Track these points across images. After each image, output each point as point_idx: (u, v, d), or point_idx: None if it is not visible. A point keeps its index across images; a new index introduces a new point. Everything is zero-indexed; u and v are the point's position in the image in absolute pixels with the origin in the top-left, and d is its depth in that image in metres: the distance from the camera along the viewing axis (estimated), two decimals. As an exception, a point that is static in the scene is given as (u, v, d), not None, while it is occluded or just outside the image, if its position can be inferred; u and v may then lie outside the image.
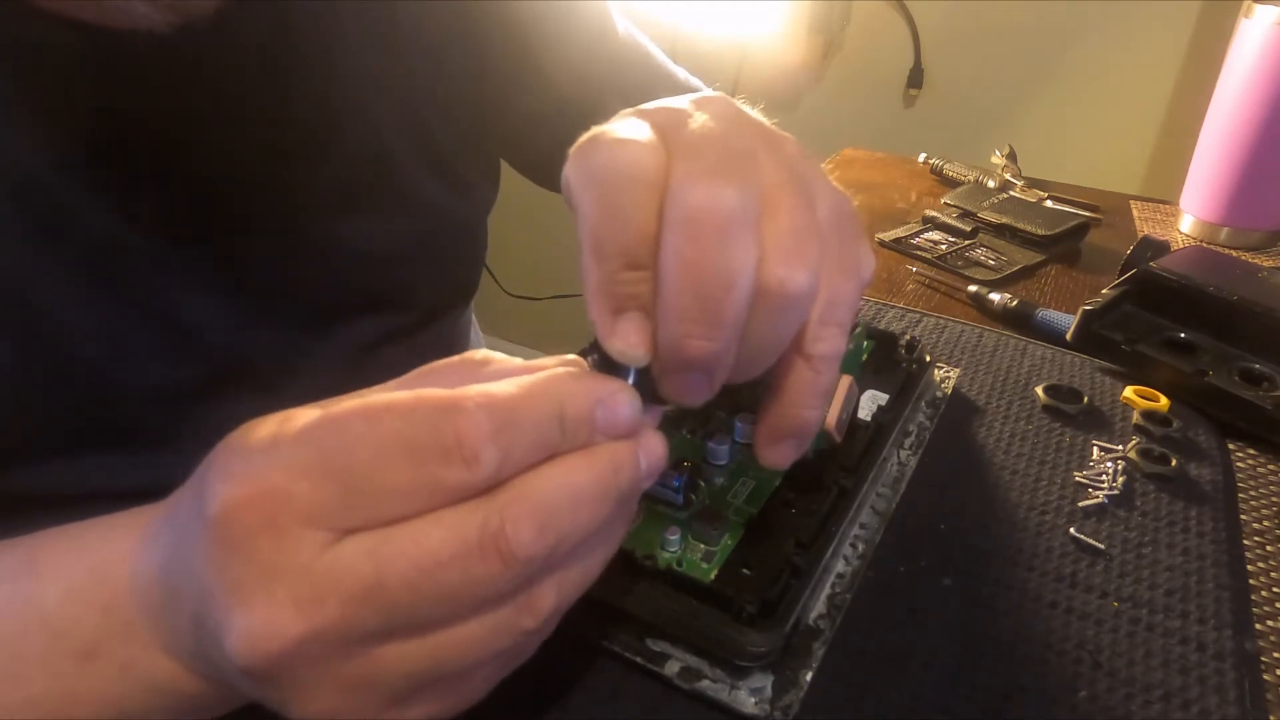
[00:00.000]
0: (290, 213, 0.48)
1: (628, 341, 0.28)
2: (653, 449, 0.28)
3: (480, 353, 0.29)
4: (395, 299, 0.56)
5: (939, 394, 0.55)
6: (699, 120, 0.29)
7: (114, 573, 0.29)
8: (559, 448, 0.26)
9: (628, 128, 0.28)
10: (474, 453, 0.23)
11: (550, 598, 0.26)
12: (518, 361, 0.29)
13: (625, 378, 0.28)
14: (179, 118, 0.42)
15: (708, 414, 0.45)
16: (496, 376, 0.27)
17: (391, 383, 0.28)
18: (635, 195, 0.27)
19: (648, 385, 0.28)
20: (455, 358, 0.29)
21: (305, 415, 0.24)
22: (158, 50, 0.37)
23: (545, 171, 0.69)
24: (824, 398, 0.31)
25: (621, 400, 0.27)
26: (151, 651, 0.28)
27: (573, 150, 0.29)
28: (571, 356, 0.29)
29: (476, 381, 0.27)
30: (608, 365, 0.28)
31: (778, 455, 0.32)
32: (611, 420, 0.27)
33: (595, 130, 0.29)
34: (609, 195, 0.27)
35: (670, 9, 1.78)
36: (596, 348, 0.28)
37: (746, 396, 0.45)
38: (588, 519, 0.26)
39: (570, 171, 0.28)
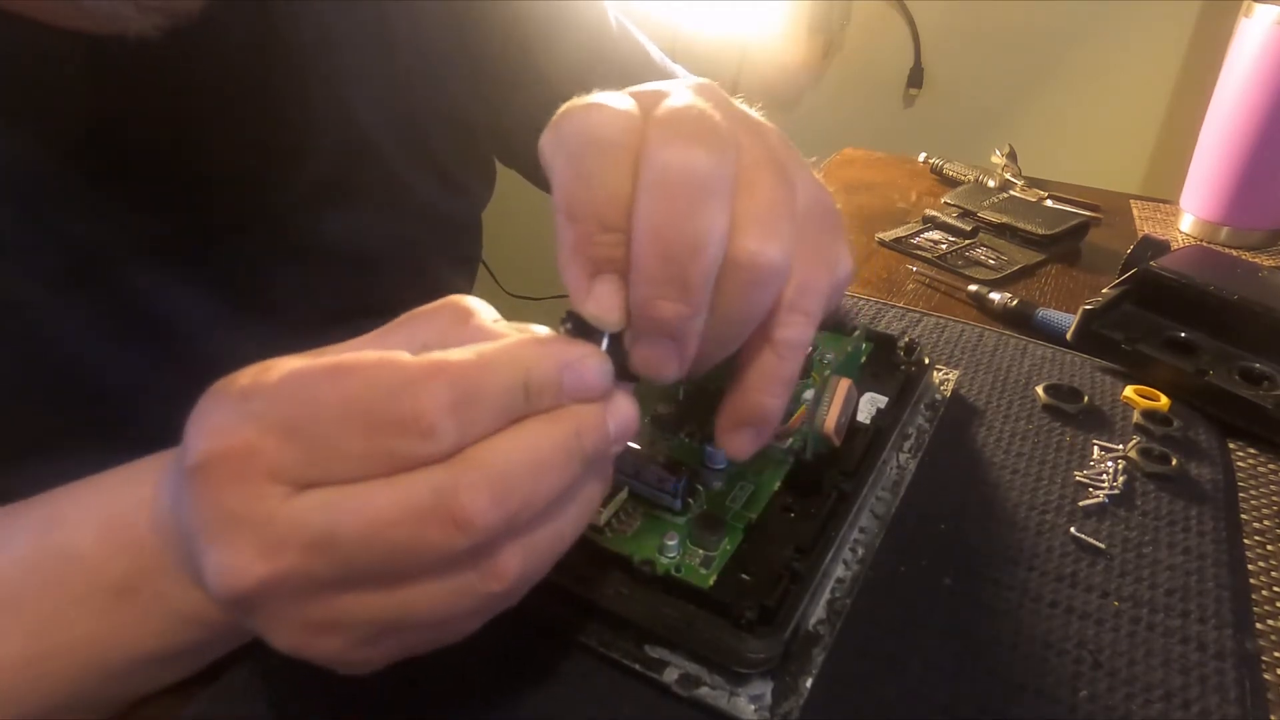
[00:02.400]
0: (277, 212, 0.48)
1: (601, 305, 0.28)
2: (623, 412, 0.28)
3: (465, 302, 0.29)
4: (388, 300, 0.56)
5: (938, 396, 0.54)
6: (681, 96, 0.29)
7: (137, 516, 0.31)
8: (523, 413, 0.26)
9: (604, 96, 0.29)
10: (430, 426, 0.24)
11: (515, 563, 0.26)
12: (498, 321, 0.29)
13: (598, 345, 0.28)
14: (164, 119, 0.42)
15: (706, 417, 0.45)
16: (475, 337, 0.28)
17: (372, 334, 0.29)
18: (608, 157, 0.27)
19: (618, 358, 0.28)
20: (440, 303, 0.30)
21: (281, 368, 0.25)
22: (143, 52, 0.37)
23: (541, 171, 0.69)
24: (786, 387, 0.31)
25: (590, 365, 0.27)
26: (181, 583, 0.30)
27: (551, 121, 0.29)
28: (547, 330, 0.29)
29: (455, 336, 0.28)
30: (581, 332, 0.28)
31: (736, 443, 0.32)
32: (579, 384, 0.27)
33: (571, 100, 0.29)
34: (582, 157, 0.28)
35: (670, 9, 1.78)
36: (570, 316, 0.28)
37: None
38: (551, 484, 0.26)
39: (545, 139, 0.29)
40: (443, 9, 0.54)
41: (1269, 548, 0.44)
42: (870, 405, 0.48)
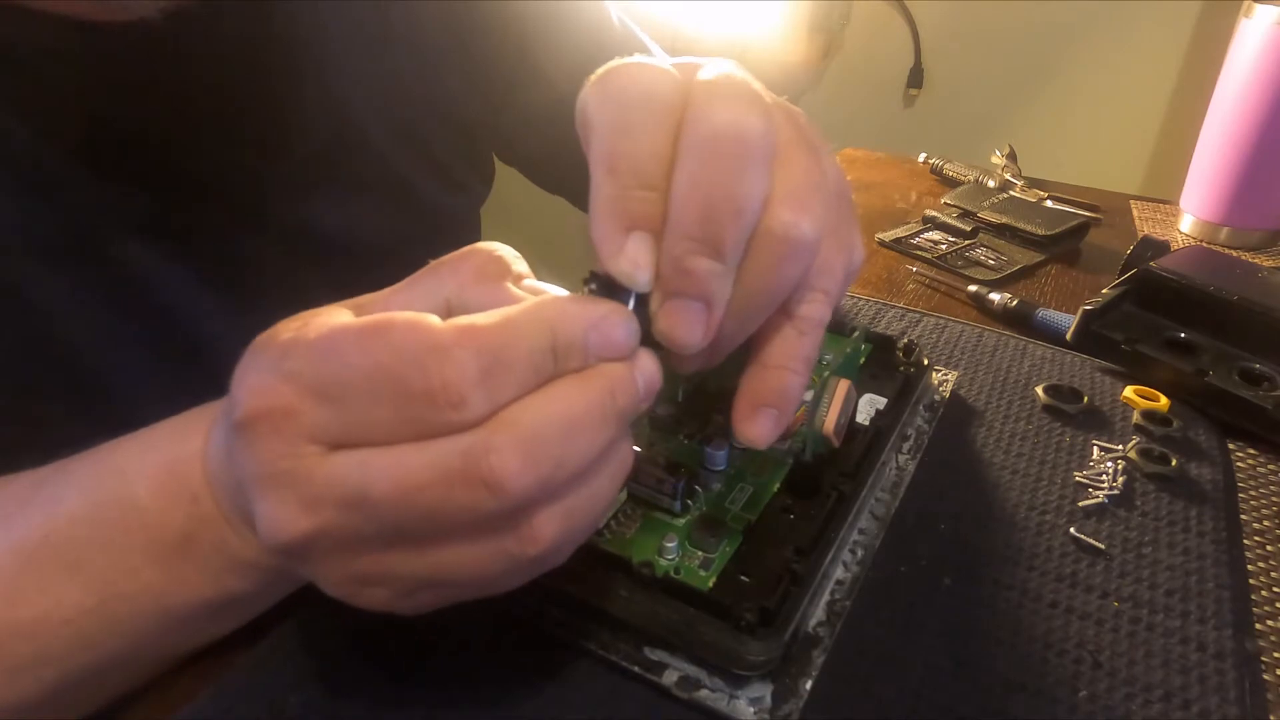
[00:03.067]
0: (273, 205, 0.48)
1: (634, 261, 0.27)
2: (648, 368, 0.28)
3: (493, 251, 0.30)
4: None
5: (937, 397, 0.54)
6: (723, 65, 0.29)
7: (191, 468, 0.32)
8: (551, 375, 0.26)
9: (649, 58, 0.29)
10: (460, 398, 0.24)
11: (551, 527, 0.26)
12: (525, 276, 0.29)
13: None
14: (158, 111, 0.42)
15: (706, 418, 0.45)
16: (499, 296, 0.28)
17: (401, 284, 0.30)
18: (655, 113, 0.27)
19: (642, 324, 0.28)
20: (467, 251, 0.30)
21: (320, 324, 0.26)
22: (138, 44, 0.37)
23: (542, 170, 0.70)
24: (807, 365, 0.31)
25: (616, 322, 0.27)
26: (237, 530, 0.31)
27: (592, 79, 0.29)
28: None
29: (478, 292, 0.28)
30: (606, 294, 0.28)
31: (757, 428, 0.32)
32: (606, 342, 0.27)
33: (615, 61, 0.29)
34: (628, 112, 0.27)
35: (670, 9, 1.78)
36: (595, 277, 0.28)
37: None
38: (585, 445, 0.26)
39: (588, 95, 0.29)
40: (441, 8, 0.54)
41: (1269, 548, 0.44)
42: (869, 406, 0.48)
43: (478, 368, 0.24)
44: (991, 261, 0.80)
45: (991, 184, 0.98)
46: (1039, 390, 0.55)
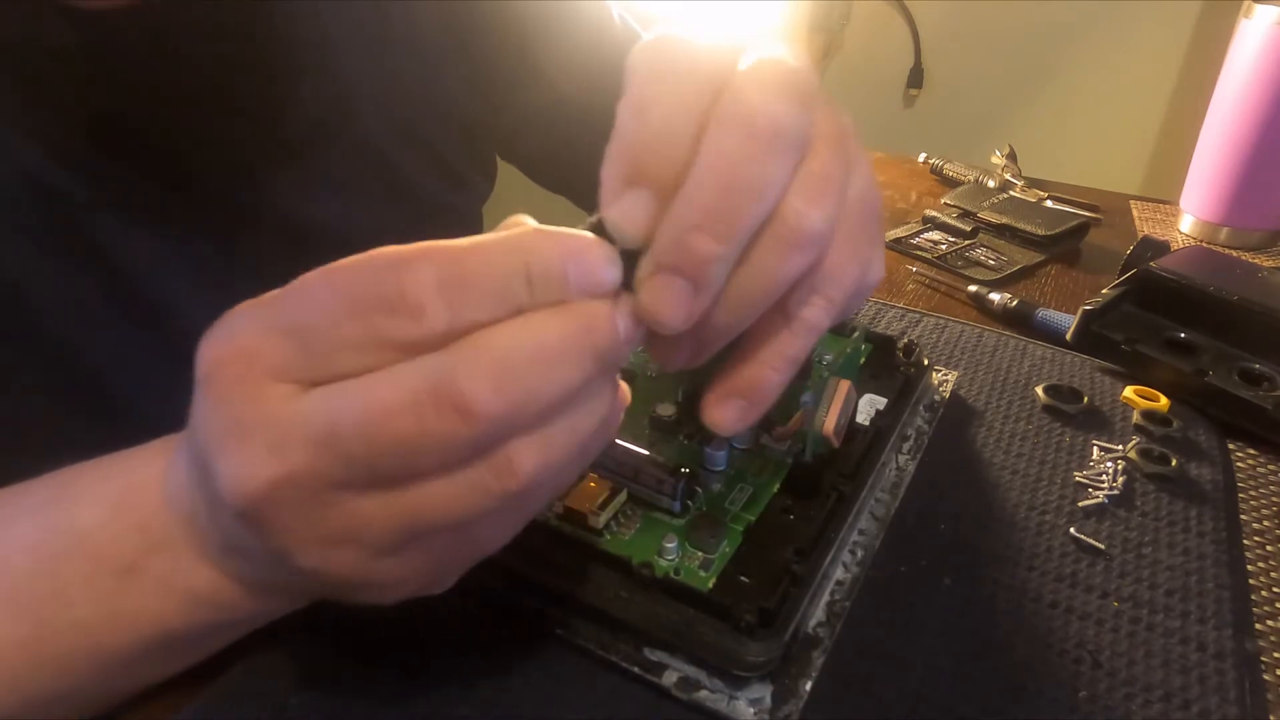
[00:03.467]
0: (271, 199, 0.48)
1: (627, 213, 0.26)
2: (631, 315, 0.26)
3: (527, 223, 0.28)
4: None
5: (937, 397, 0.54)
6: (779, 49, 0.28)
7: (146, 493, 0.30)
8: (526, 305, 0.25)
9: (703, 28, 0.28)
10: (418, 305, 0.23)
11: (529, 459, 0.25)
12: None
13: None
14: (158, 109, 0.42)
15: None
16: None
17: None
18: (698, 76, 0.26)
19: (627, 284, 0.26)
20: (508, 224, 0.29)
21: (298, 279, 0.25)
22: (137, 42, 0.37)
23: (542, 170, 0.70)
24: (791, 366, 0.30)
25: (596, 255, 0.25)
26: (189, 559, 0.30)
27: (645, 39, 0.28)
28: None
29: None
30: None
31: (723, 414, 0.31)
32: (586, 275, 0.25)
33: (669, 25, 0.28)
34: (674, 64, 0.26)
35: (670, 9, 1.78)
36: (591, 225, 0.27)
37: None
38: (560, 377, 0.25)
39: (638, 50, 0.27)
40: (440, 8, 0.54)
41: (1269, 548, 0.44)
42: (869, 406, 0.48)
43: (436, 277, 0.23)
44: (991, 261, 0.80)
45: (991, 184, 0.98)
46: (1039, 390, 0.55)
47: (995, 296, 0.69)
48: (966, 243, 0.84)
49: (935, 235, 0.86)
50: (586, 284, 0.25)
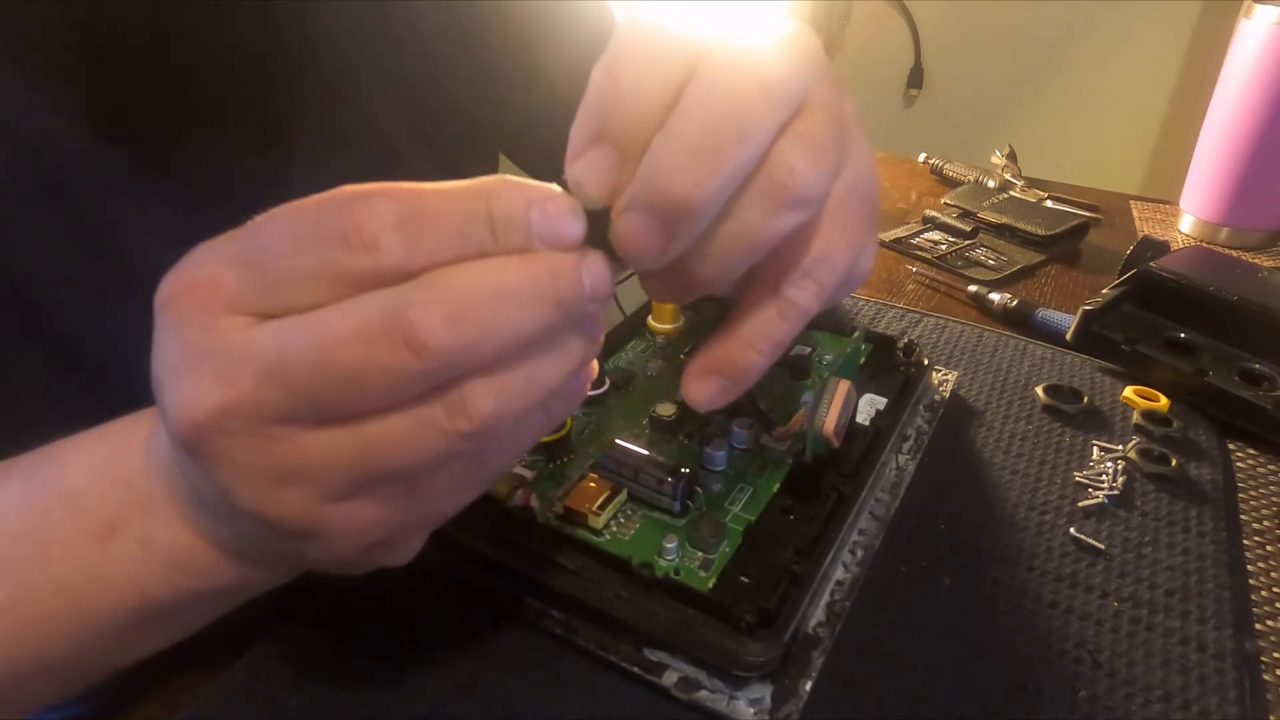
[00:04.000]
0: (271, 184, 0.48)
1: (589, 170, 0.25)
2: (597, 269, 0.26)
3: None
4: None
5: (937, 397, 0.54)
6: (781, 24, 0.27)
7: (132, 452, 0.30)
8: (490, 250, 0.24)
9: None
10: (373, 238, 0.23)
11: (485, 402, 0.25)
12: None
13: None
14: (166, 118, 0.42)
15: (705, 418, 0.45)
16: None
17: None
18: (675, 37, 0.26)
19: (598, 238, 0.26)
20: None
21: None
22: (141, 43, 0.37)
23: (546, 168, 0.70)
24: (775, 349, 0.30)
25: (560, 204, 0.25)
26: (169, 522, 0.29)
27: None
28: None
29: None
30: None
31: (701, 390, 0.30)
32: (548, 223, 0.25)
33: None
34: (652, 26, 0.26)
35: (670, 8, 1.78)
36: (561, 183, 0.26)
37: (744, 401, 0.45)
38: (518, 319, 0.24)
39: (621, 21, 0.27)
40: (440, 8, 0.54)
41: (1269, 548, 0.44)
42: (869, 406, 0.48)
43: (394, 212, 0.23)
44: (991, 261, 0.80)
45: (991, 184, 0.98)
46: (1039, 390, 0.55)
47: (995, 296, 0.69)
48: (966, 243, 0.84)
49: (935, 235, 0.86)
50: (549, 233, 0.25)
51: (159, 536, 0.30)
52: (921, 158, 1.07)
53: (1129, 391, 0.56)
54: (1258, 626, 0.39)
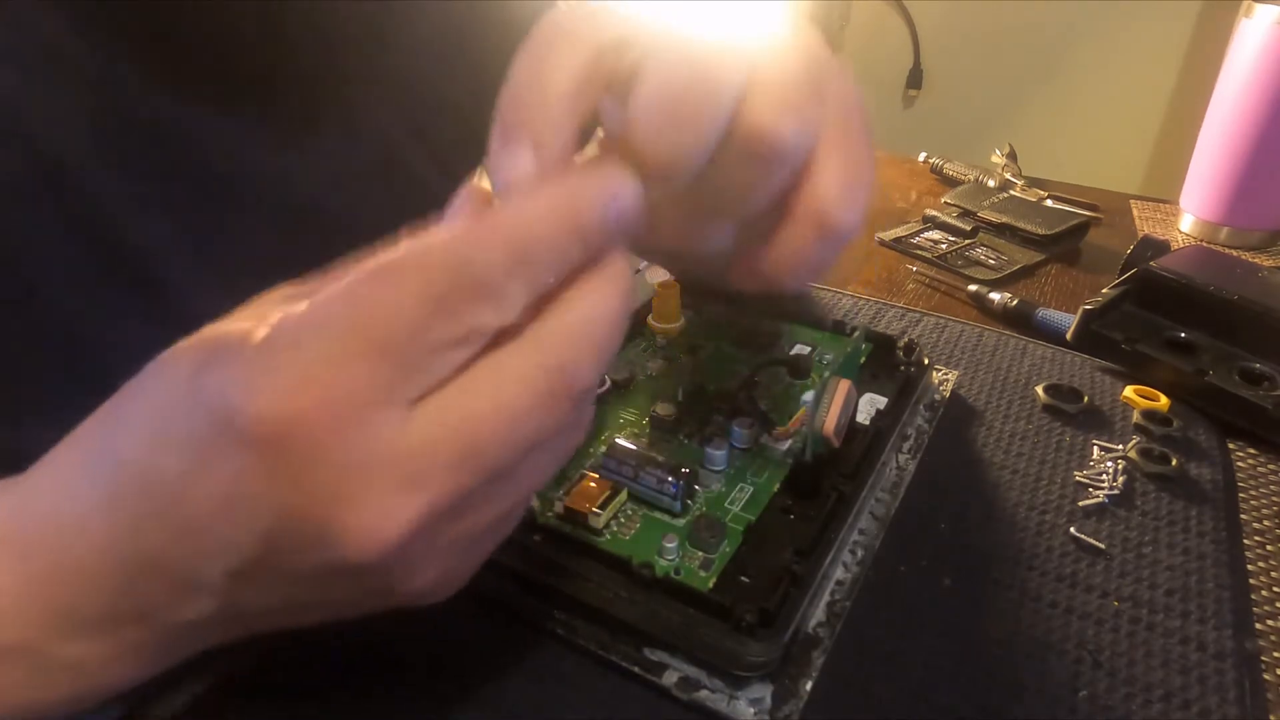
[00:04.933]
0: (269, 178, 0.48)
1: (514, 162, 0.26)
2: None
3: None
4: None
5: (938, 396, 0.54)
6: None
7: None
8: (581, 261, 0.25)
9: None
10: (499, 290, 0.23)
11: (589, 413, 0.27)
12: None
13: None
14: (167, 110, 0.42)
15: (706, 418, 0.45)
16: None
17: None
18: (601, 14, 0.27)
19: None
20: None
21: (286, 310, 0.23)
22: (151, 45, 0.37)
23: None
24: (817, 271, 0.30)
25: (628, 190, 0.25)
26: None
27: None
28: None
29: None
30: None
31: (746, 281, 0.31)
32: (624, 218, 0.25)
33: None
34: (583, 9, 0.27)
35: (670, 8, 1.78)
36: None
37: (745, 401, 0.45)
38: (621, 336, 0.26)
39: None
40: (440, 9, 0.54)
41: (1269, 548, 0.44)
42: (870, 406, 0.48)
43: (508, 259, 0.23)
44: (991, 261, 0.80)
45: (991, 184, 0.98)
46: (1039, 390, 0.55)
47: (995, 296, 0.69)
48: (966, 242, 0.84)
49: (935, 235, 0.86)
50: (625, 225, 0.25)
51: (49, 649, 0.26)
52: (921, 157, 1.07)
53: (1129, 391, 0.56)
54: (1258, 626, 0.39)
